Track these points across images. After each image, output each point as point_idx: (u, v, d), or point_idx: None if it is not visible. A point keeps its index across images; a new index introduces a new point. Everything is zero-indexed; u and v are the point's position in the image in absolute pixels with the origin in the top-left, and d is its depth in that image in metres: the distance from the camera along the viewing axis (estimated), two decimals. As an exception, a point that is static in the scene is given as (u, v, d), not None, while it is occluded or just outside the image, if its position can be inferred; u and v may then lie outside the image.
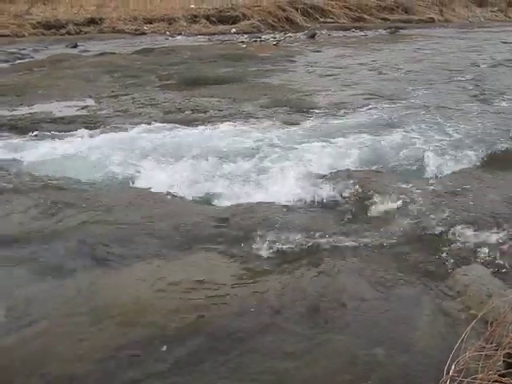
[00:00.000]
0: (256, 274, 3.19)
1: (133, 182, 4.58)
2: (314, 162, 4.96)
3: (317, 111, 7.15)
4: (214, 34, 16.96)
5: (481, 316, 2.06)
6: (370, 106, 7.47)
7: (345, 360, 2.45)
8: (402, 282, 3.12)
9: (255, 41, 15.43)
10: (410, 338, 2.60)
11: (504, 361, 2.13)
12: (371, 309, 2.84)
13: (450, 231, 3.65)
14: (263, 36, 16.24)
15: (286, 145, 5.51)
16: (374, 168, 4.93)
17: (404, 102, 7.73)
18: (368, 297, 2.94)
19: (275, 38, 15.98)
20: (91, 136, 5.81)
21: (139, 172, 4.70)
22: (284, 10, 19.20)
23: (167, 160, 4.96)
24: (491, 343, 1.91)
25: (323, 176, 4.60)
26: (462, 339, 1.88)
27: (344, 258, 3.35)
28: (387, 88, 8.82)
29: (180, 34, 16.74)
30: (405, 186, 4.35)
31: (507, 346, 1.84)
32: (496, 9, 28.05)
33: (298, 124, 6.46)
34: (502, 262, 3.32)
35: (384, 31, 19.02)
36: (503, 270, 3.24)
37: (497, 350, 1.86)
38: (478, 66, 11.37)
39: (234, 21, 18.32)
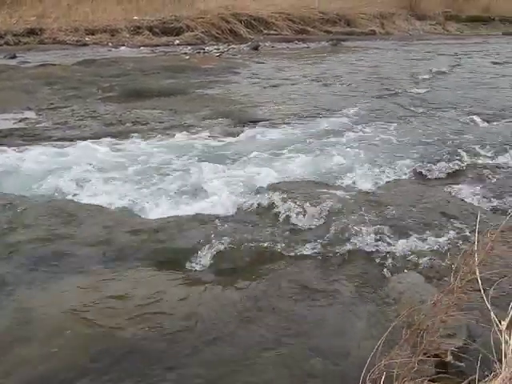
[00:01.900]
0: (188, 285, 3.17)
1: (67, 196, 4.50)
2: (253, 173, 4.98)
3: (259, 123, 7.18)
4: (158, 45, 16.81)
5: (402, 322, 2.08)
6: (312, 118, 7.55)
7: (281, 371, 2.45)
8: (338, 292, 3.15)
9: (198, 52, 15.39)
10: (346, 347, 2.62)
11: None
12: (307, 319, 2.85)
13: (385, 240, 3.71)
14: (207, 47, 16.21)
15: (225, 156, 5.52)
16: (309, 179, 4.98)
17: (345, 113, 7.84)
18: (303, 306, 2.96)
19: (219, 49, 15.97)
20: (27, 149, 5.68)
21: (74, 185, 4.62)
22: (228, 22, 19.21)
23: (104, 173, 4.89)
24: (406, 350, 1.94)
25: (260, 187, 4.61)
26: (377, 347, 1.89)
27: (278, 268, 3.36)
28: (329, 99, 8.93)
29: (123, 46, 16.53)
30: (339, 196, 4.41)
31: (421, 353, 1.87)
32: (435, 22, 28.81)
33: (240, 135, 6.47)
34: (435, 269, 3.39)
35: (326, 43, 19.26)
36: (437, 276, 3.31)
37: (411, 357, 1.89)
38: (417, 78, 11.65)
39: (177, 32, 18.20)
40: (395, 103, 8.76)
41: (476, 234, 2.28)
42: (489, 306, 2.04)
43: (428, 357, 1.93)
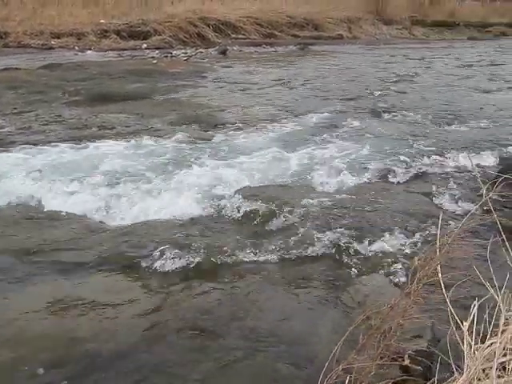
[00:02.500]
0: (153, 292, 3.14)
1: (29, 202, 4.42)
2: (220, 177, 4.96)
3: (226, 127, 7.16)
4: (125, 49, 16.68)
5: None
6: (280, 121, 7.56)
7: (241, 377, 2.44)
8: (302, 296, 3.16)
9: (166, 56, 15.32)
10: (309, 352, 2.61)
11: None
12: (269, 323, 2.84)
13: (350, 242, 3.73)
14: (174, 51, 16.15)
15: (192, 161, 5.48)
16: (278, 183, 4.98)
17: (312, 117, 7.87)
18: (266, 311, 2.96)
19: (186, 53, 15.92)
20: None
21: (36, 190, 4.55)
22: (196, 26, 19.19)
23: (67, 178, 4.83)
24: (363, 355, 1.95)
25: (226, 191, 4.60)
26: (334, 352, 1.90)
27: (244, 272, 3.36)
28: (297, 103, 8.96)
29: (89, 49, 16.36)
30: (304, 199, 4.42)
31: (378, 357, 1.88)
32: (401, 27, 29.19)
33: (207, 140, 6.45)
34: (400, 271, 3.41)
35: (294, 47, 19.35)
36: (402, 279, 3.33)
37: (369, 361, 1.90)
38: (384, 81, 11.77)
39: (145, 36, 18.11)
40: (362, 106, 8.83)
41: (438, 236, 2.30)
42: (450, 308, 2.06)
43: (386, 361, 1.93)
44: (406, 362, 2.06)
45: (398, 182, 5.09)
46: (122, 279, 3.29)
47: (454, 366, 1.90)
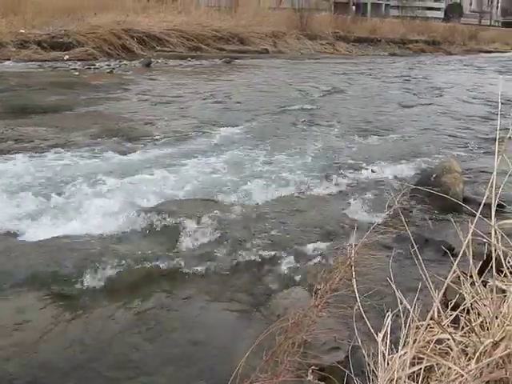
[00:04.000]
0: (67, 308, 3.05)
1: None
2: (139, 191, 4.89)
3: (148, 140, 7.07)
4: (46, 60, 16.27)
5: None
6: (202, 135, 7.54)
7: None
8: (221, 311, 3.14)
9: (89, 68, 15.06)
10: (223, 370, 2.59)
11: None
12: (189, 340, 2.81)
13: (269, 256, 3.75)
14: (98, 63, 15.91)
15: (113, 174, 5.37)
16: (197, 197, 4.94)
17: (236, 130, 7.90)
18: (186, 328, 2.92)
19: (110, 65, 15.71)
20: None
21: None
22: (120, 38, 18.98)
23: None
24: (266, 372, 1.95)
25: (146, 205, 4.55)
26: (237, 369, 1.90)
27: (161, 288, 3.32)
28: (220, 116, 8.98)
29: (8, 60, 15.88)
30: (224, 213, 4.42)
31: (281, 375, 1.89)
32: (325, 42, 29.90)
33: (128, 153, 6.34)
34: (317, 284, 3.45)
35: (220, 61, 19.48)
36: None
37: (272, 378, 1.91)
38: (307, 95, 12.00)
39: (67, 47, 17.73)
40: (284, 120, 8.95)
41: (353, 248, 2.34)
42: (366, 319, 2.10)
43: (290, 377, 1.94)
44: (310, 377, 2.08)
45: (317, 194, 5.16)
46: (35, 298, 3.17)
47: (368, 378, 1.93)
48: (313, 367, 2.10)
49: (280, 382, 1.89)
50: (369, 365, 2.02)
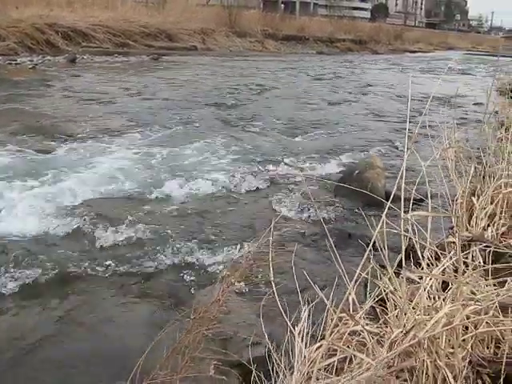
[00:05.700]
0: None
1: None
2: (62, 190, 4.76)
3: (71, 138, 6.89)
4: (-36, 55, 15.66)
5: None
6: (126, 132, 7.42)
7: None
8: (143, 311, 3.09)
9: (10, 63, 14.55)
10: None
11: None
12: (101, 340, 2.76)
13: (193, 254, 3.73)
14: (19, 59, 15.37)
15: (34, 173, 5.21)
16: (121, 195, 4.86)
17: (160, 128, 7.82)
18: (101, 330, 2.86)
19: (32, 61, 15.23)
20: None
21: None
22: (44, 33, 18.40)
23: None
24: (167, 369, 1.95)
25: (67, 204, 4.43)
26: (137, 368, 1.88)
27: (79, 288, 3.25)
28: (146, 113, 8.88)
29: None
30: (148, 211, 4.41)
31: (181, 371, 1.88)
32: (254, 40, 30.02)
33: (49, 151, 6.16)
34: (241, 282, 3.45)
35: (147, 57, 19.23)
36: (244, 290, 3.36)
37: (173, 375, 1.90)
38: (234, 92, 12.01)
39: (-14, 42, 17.10)
40: (210, 117, 8.94)
41: (270, 247, 2.34)
42: (283, 313, 2.11)
43: (191, 373, 1.93)
44: (211, 372, 2.07)
45: (246, 192, 5.17)
46: None
47: (285, 371, 1.95)
48: (215, 362, 2.10)
49: (180, 378, 1.87)
50: (285, 358, 2.04)
